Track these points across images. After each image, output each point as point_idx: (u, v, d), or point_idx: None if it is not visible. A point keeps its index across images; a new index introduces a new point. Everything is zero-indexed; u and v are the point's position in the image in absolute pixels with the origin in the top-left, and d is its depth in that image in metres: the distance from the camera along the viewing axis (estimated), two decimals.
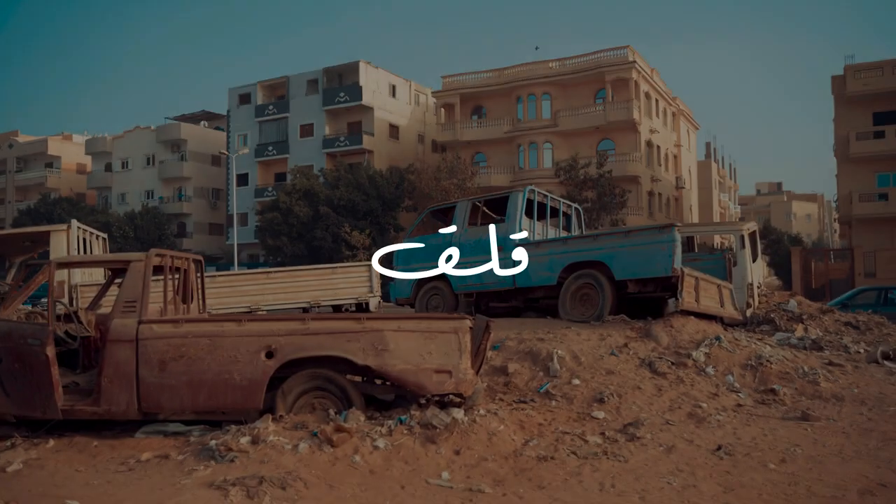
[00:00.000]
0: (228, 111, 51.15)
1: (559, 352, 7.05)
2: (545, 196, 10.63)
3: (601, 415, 5.90)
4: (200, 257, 6.51)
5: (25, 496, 3.94)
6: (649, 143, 39.48)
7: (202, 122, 59.90)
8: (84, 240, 8.59)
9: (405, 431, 4.87)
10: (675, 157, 45.41)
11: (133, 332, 5.17)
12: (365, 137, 44.63)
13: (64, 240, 8.27)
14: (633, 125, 36.99)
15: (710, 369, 7.17)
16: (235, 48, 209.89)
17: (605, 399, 6.19)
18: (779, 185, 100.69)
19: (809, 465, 4.79)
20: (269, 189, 47.45)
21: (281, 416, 5.10)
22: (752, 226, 13.12)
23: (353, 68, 46.12)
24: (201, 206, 55.20)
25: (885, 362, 8.60)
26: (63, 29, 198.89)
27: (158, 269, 5.74)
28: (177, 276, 6.16)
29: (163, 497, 3.81)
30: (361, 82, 45.09)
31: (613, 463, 4.79)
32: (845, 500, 4.10)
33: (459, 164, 36.90)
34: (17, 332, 5.18)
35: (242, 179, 47.65)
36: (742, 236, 12.36)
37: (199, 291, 6.42)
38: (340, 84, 46.67)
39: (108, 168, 58.55)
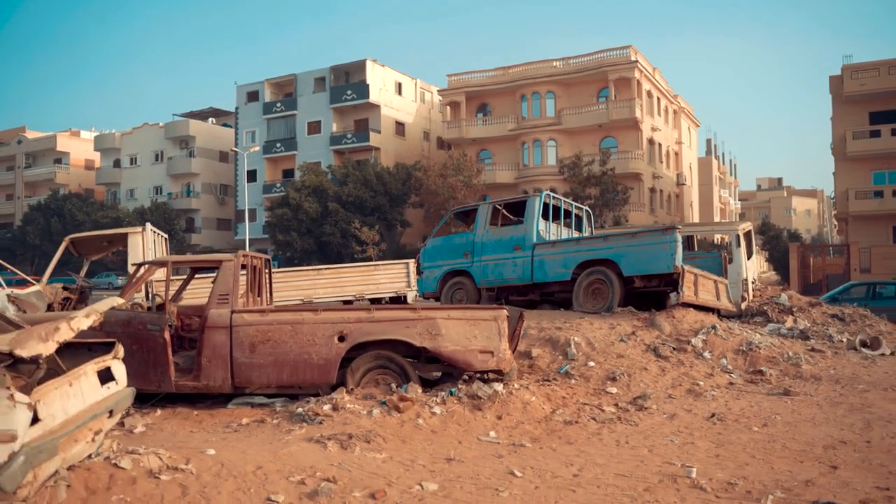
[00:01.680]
0: (237, 108, 51.89)
1: (575, 339, 8.12)
2: (559, 200, 11.70)
3: (614, 390, 6.98)
4: (269, 257, 7.55)
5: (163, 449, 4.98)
6: (651, 141, 40.37)
7: (210, 119, 60.72)
8: (153, 240, 9.65)
9: (455, 401, 5.95)
10: (677, 154, 46.32)
11: (227, 319, 6.23)
12: (372, 135, 45.44)
13: (140, 240, 9.32)
14: (636, 123, 37.87)
15: (706, 354, 8.26)
16: (242, 46, 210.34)
17: (617, 378, 7.27)
18: (779, 180, 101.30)
19: (786, 428, 5.85)
20: (277, 185, 48.33)
21: (352, 389, 6.16)
22: (747, 226, 14.19)
23: (359, 66, 46.88)
24: (209, 201, 56.01)
25: (863, 349, 9.67)
26: (70, 26, 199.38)
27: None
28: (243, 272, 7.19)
29: (275, 448, 4.86)
30: (368, 80, 45.85)
31: (626, 426, 5.87)
32: (812, 453, 5.15)
33: (465, 161, 37.76)
34: (137, 319, 6.24)
35: (251, 176, 48.48)
36: (738, 236, 13.42)
37: (268, 285, 7.47)
38: (347, 82, 47.47)
39: (117, 164, 59.29)
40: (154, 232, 9.79)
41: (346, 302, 9.96)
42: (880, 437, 5.56)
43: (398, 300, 9.97)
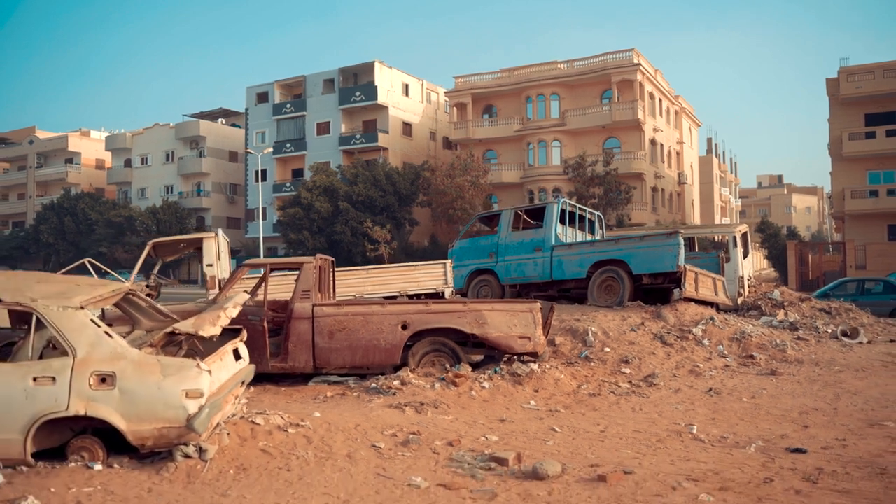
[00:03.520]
0: (246, 109, 52.87)
1: (592, 328, 9.43)
2: (574, 206, 13.02)
3: (628, 371, 8.29)
4: (333, 259, 8.82)
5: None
6: (653, 141, 41.47)
7: (220, 120, 61.77)
8: (222, 244, 10.95)
9: (500, 378, 7.26)
10: (678, 153, 47.45)
11: (309, 311, 7.53)
12: (380, 135, 46.42)
13: (213, 244, 10.63)
14: (638, 124, 38.95)
15: (705, 341, 9.58)
16: (247, 46, 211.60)
17: (630, 361, 8.58)
18: (779, 177, 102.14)
19: (770, 399, 7.14)
20: (287, 185, 49.37)
21: (413, 368, 7.46)
22: (743, 227, 15.51)
23: (368, 68, 47.87)
24: (219, 200, 56.99)
25: (843, 338, 10.97)
26: (75, 26, 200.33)
27: (294, 266, 8.03)
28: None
29: (364, 412, 6.15)
30: (376, 82, 46.83)
31: (639, 398, 7.18)
32: (789, 417, 6.44)
33: (473, 161, 38.81)
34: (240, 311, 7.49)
35: (261, 175, 49.52)
36: (735, 237, 14.73)
37: (332, 283, 8.75)
38: (356, 83, 48.46)
39: (128, 164, 60.20)
40: (222, 237, 11.12)
41: (389, 297, 11.22)
42: (846, 405, 6.85)
43: (435, 295, 11.25)
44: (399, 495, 4.26)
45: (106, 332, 4.79)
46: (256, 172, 46.64)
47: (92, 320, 4.82)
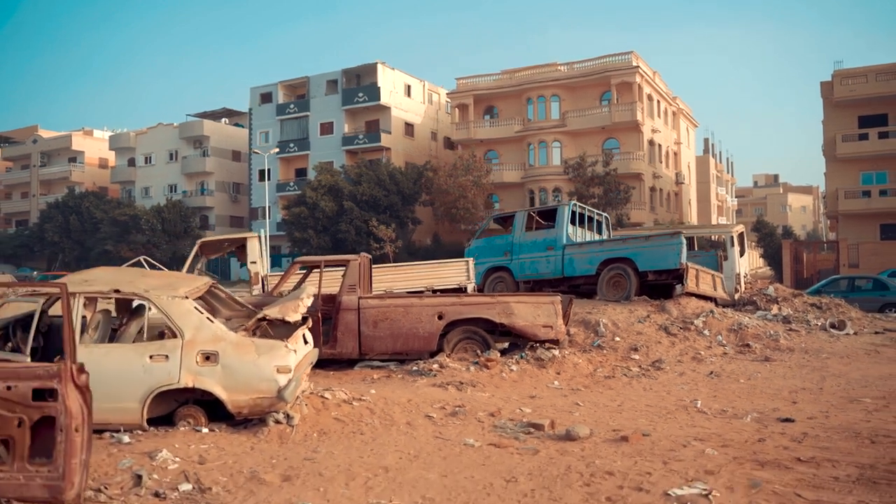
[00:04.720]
0: (250, 109, 53.46)
1: (603, 320, 10.37)
2: (584, 208, 13.98)
3: (637, 357, 9.25)
4: (370, 257, 9.73)
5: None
6: (651, 142, 42.37)
7: (223, 119, 62.40)
8: (262, 243, 11.91)
9: (526, 362, 8.21)
10: (676, 154, 48.39)
11: (356, 303, 8.44)
12: (382, 135, 47.15)
13: (257, 243, 11.57)
14: (637, 125, 39.84)
15: (706, 332, 10.54)
16: (250, 46, 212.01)
17: (639, 349, 9.53)
18: (775, 177, 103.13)
19: (764, 381, 8.10)
20: (291, 184, 50.03)
21: (448, 354, 8.39)
22: (740, 228, 16.53)
23: (370, 69, 48.56)
24: (223, 199, 57.58)
25: (832, 330, 11.95)
26: (81, 27, 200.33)
27: (341, 263, 8.95)
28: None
29: (412, 390, 7.07)
30: (379, 83, 47.54)
31: (649, 380, 8.13)
32: (780, 395, 7.39)
33: (474, 161, 39.61)
34: None
35: (267, 174, 50.20)
36: (732, 237, 15.73)
37: (369, 279, 9.67)
38: (359, 84, 49.15)
39: (132, 163, 60.68)
40: (263, 237, 12.11)
41: (415, 292, 12.15)
42: (830, 386, 7.81)
43: (458, 290, 12.17)
44: (458, 452, 5.18)
45: (208, 318, 5.69)
46: (260, 172, 47.24)
47: (195, 307, 5.71)
